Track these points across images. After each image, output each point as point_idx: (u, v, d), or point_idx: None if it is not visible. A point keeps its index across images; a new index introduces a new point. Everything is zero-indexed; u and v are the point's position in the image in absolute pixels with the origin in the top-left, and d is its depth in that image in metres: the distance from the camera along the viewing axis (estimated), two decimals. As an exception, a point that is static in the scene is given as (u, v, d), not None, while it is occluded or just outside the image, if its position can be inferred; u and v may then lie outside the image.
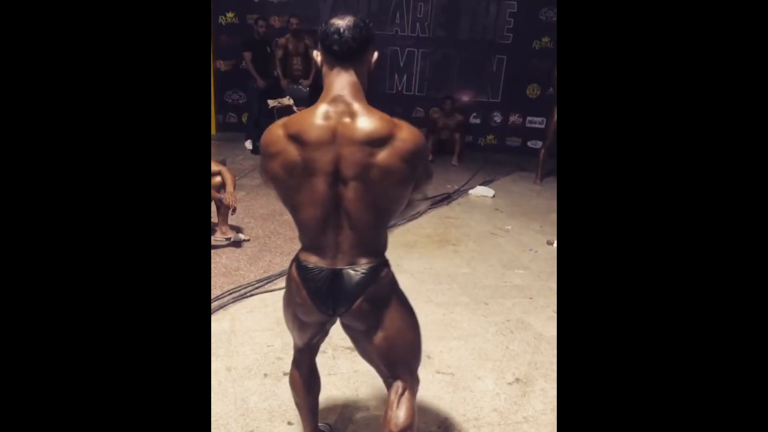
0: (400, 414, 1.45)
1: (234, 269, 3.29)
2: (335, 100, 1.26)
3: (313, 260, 1.37)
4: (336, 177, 1.26)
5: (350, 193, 1.27)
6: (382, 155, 1.24)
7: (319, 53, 1.31)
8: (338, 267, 1.35)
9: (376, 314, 1.41)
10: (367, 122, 1.24)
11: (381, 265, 1.39)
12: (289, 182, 1.30)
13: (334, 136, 1.24)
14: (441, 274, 3.49)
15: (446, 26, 7.36)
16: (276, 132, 1.31)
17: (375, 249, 1.38)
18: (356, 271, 1.35)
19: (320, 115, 1.26)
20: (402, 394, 1.48)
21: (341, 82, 1.27)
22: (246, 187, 4.88)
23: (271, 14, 6.95)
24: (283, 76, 6.33)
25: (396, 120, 1.28)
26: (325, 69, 1.30)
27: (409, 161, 1.27)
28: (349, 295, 1.36)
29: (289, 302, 1.48)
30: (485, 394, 2.27)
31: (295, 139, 1.27)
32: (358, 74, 1.29)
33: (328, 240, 1.34)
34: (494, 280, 3.47)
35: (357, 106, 1.25)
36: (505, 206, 5.18)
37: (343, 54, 1.26)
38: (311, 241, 1.37)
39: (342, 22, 1.26)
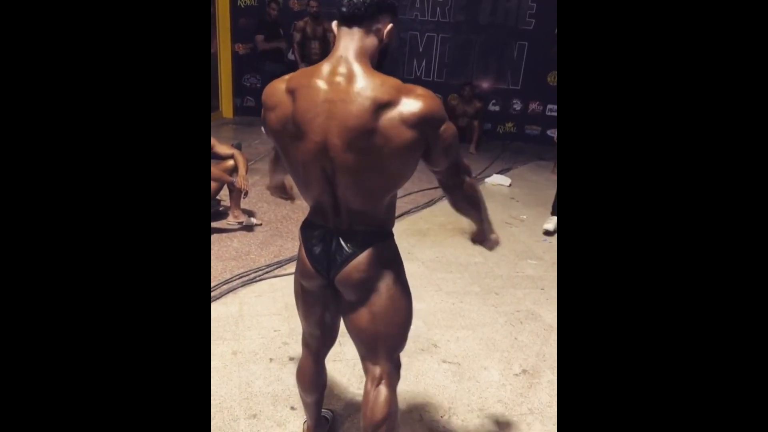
0: (376, 406, 1.42)
1: (245, 253, 3.30)
2: (337, 61, 1.20)
3: (315, 219, 1.39)
4: (326, 141, 1.20)
5: (342, 160, 1.21)
6: (382, 121, 1.16)
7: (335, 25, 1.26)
8: (336, 228, 1.35)
9: (367, 286, 1.37)
10: (365, 85, 1.16)
11: (379, 234, 1.37)
12: (284, 139, 1.28)
13: (327, 98, 1.18)
14: (453, 262, 3.46)
15: (467, 11, 7.25)
16: (278, 85, 1.27)
17: (374, 218, 1.34)
18: (351, 235, 1.34)
19: (318, 73, 1.20)
20: (378, 383, 1.44)
21: (345, 44, 1.21)
22: (260, 171, 4.88)
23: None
24: (301, 60, 6.30)
25: (407, 85, 1.20)
26: (335, 32, 1.25)
27: (415, 127, 1.17)
28: (342, 257, 1.34)
29: (297, 269, 1.48)
30: (491, 384, 2.24)
31: (291, 93, 1.23)
32: (364, 39, 1.22)
33: (325, 203, 1.33)
34: (506, 269, 3.43)
35: (357, 68, 1.18)
36: (521, 195, 5.12)
37: (349, 15, 1.21)
38: (311, 203, 1.39)
39: None
